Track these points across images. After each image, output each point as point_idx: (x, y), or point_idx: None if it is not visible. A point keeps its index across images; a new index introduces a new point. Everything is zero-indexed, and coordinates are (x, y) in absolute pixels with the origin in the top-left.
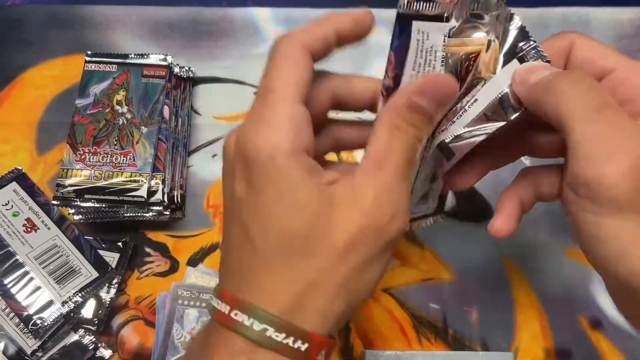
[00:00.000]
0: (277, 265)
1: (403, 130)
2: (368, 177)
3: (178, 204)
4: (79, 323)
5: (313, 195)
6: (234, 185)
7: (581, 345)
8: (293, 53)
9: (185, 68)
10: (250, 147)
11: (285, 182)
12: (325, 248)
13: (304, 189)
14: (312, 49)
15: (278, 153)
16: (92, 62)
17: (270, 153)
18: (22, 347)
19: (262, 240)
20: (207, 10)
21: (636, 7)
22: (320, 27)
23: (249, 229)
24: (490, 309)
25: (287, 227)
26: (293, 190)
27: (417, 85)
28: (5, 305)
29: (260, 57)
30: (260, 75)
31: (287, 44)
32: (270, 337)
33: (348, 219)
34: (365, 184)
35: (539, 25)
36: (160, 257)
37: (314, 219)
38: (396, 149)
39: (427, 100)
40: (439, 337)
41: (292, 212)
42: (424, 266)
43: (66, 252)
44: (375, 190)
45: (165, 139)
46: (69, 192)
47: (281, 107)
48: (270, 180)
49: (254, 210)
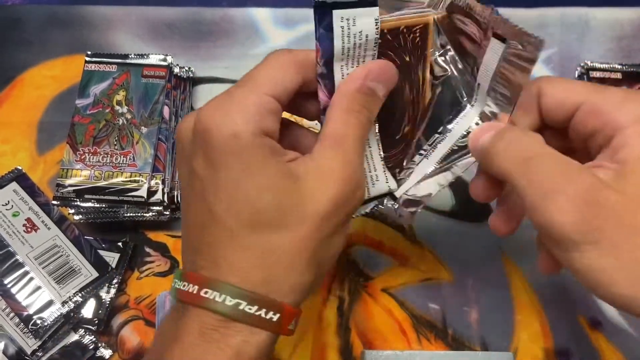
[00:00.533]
0: (247, 240)
1: (357, 110)
2: (330, 153)
3: (178, 203)
4: (79, 323)
5: (279, 171)
6: (193, 164)
7: (581, 345)
8: (283, 60)
9: (185, 68)
10: (213, 127)
11: (250, 158)
12: (297, 220)
13: (270, 166)
14: (305, 67)
15: (242, 131)
16: (92, 62)
17: (234, 131)
18: (22, 347)
19: (230, 216)
20: (206, 10)
21: (636, 7)
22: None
23: (212, 206)
24: (489, 308)
25: (256, 202)
26: (259, 166)
27: (366, 71)
28: (5, 305)
29: (260, 58)
30: None
31: (281, 53)
32: (243, 310)
33: (319, 192)
34: (329, 159)
35: (538, 26)
36: (160, 257)
37: (283, 193)
38: (353, 127)
39: (376, 84)
40: (438, 337)
41: (260, 187)
42: (423, 266)
43: (66, 252)
44: (340, 165)
45: (165, 139)
46: (69, 192)
47: (252, 95)
48: (234, 158)
49: (217, 187)
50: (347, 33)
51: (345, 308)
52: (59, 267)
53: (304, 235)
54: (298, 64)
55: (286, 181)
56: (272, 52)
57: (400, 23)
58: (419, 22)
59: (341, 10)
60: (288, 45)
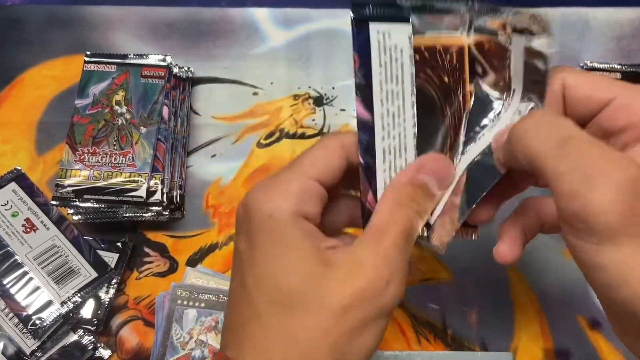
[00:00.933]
0: (269, 319)
1: (405, 204)
2: (368, 244)
3: (177, 204)
4: (78, 323)
5: (309, 255)
6: (237, 241)
7: (580, 345)
8: (330, 144)
9: (184, 68)
10: (255, 206)
11: (284, 239)
12: (319, 308)
13: (301, 249)
14: (350, 151)
15: (278, 212)
16: (91, 62)
17: (271, 212)
18: (21, 347)
19: (258, 292)
20: (206, 10)
21: (636, 7)
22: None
23: (245, 281)
24: (489, 309)
25: (282, 283)
26: (290, 248)
27: (420, 163)
28: (4, 305)
29: (259, 58)
30: (258, 76)
31: (330, 137)
32: None
33: (345, 282)
34: (364, 250)
35: None
36: (160, 257)
37: (309, 278)
38: (397, 221)
39: (428, 177)
40: (438, 337)
41: (287, 269)
42: (423, 266)
43: (65, 252)
44: (374, 257)
45: (164, 139)
46: (68, 192)
47: (296, 178)
48: (269, 237)
49: (252, 263)
50: (383, 46)
51: None
52: (58, 268)
53: (325, 324)
54: (345, 148)
55: (316, 267)
56: (322, 137)
57: (436, 42)
58: (454, 43)
59: (377, 24)
60: (287, 45)
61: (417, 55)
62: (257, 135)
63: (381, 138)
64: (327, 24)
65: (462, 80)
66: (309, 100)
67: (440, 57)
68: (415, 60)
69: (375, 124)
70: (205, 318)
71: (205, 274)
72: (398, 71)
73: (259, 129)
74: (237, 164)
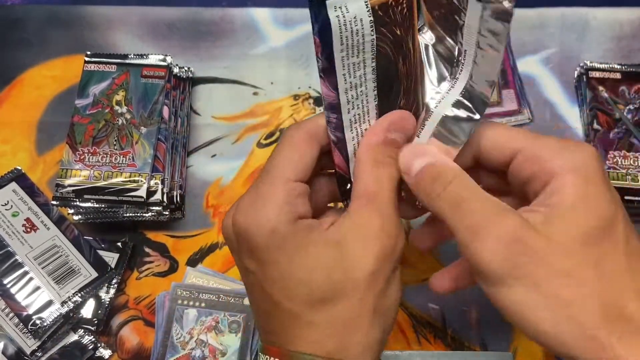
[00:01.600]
0: (311, 318)
1: (385, 163)
2: (367, 211)
3: (177, 204)
4: (78, 323)
5: (321, 245)
6: (245, 264)
7: None
8: (295, 139)
9: (184, 68)
10: (251, 226)
11: (292, 246)
12: (350, 285)
13: (312, 244)
14: (318, 137)
15: (278, 225)
16: (91, 62)
17: (271, 227)
18: (22, 347)
19: (290, 301)
20: (206, 10)
21: (636, 7)
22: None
23: (272, 297)
24: (489, 308)
25: (309, 283)
26: (302, 250)
27: (387, 122)
28: (4, 305)
29: (259, 58)
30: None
31: (291, 130)
32: None
33: (362, 253)
34: (366, 217)
35: (538, 26)
36: (160, 257)
37: (330, 266)
38: (383, 181)
39: (398, 134)
40: (438, 337)
41: (308, 269)
42: (422, 266)
43: (65, 252)
44: (378, 221)
45: (164, 139)
46: (69, 192)
47: (277, 185)
48: (278, 251)
49: (271, 280)
50: (342, 22)
51: None
52: (59, 267)
53: (359, 297)
54: (309, 137)
55: (330, 251)
56: (283, 133)
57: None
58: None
59: (333, 0)
60: (287, 46)
61: (371, 17)
62: (257, 135)
63: (347, 111)
64: None
65: (412, 26)
66: (309, 100)
67: (393, 11)
68: (374, 22)
69: (341, 100)
70: (205, 318)
71: (205, 274)
72: (359, 42)
73: (259, 129)
74: (237, 163)
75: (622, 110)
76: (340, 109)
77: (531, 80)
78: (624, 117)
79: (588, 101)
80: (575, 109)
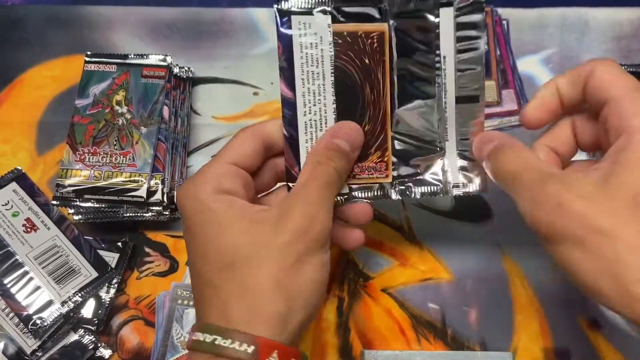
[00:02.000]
0: (222, 284)
1: (323, 163)
2: (293, 196)
3: None
4: (78, 323)
5: (239, 220)
6: (184, 237)
7: (580, 345)
8: (244, 132)
9: (184, 68)
10: (182, 195)
11: (211, 215)
12: (256, 253)
13: (229, 217)
14: (261, 134)
15: (201, 193)
16: (91, 62)
17: (194, 194)
18: (22, 347)
19: (205, 265)
20: (206, 10)
21: (636, 7)
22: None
23: (196, 267)
24: (489, 308)
25: (223, 251)
26: (219, 219)
27: (334, 129)
28: (5, 305)
29: (259, 58)
30: (258, 76)
31: (245, 128)
32: (220, 344)
33: (274, 228)
34: (291, 201)
35: (538, 26)
36: (160, 257)
37: (245, 237)
38: (317, 176)
39: (340, 140)
40: (437, 337)
41: (224, 238)
42: (422, 266)
43: (66, 252)
44: (300, 203)
45: (164, 139)
46: (69, 192)
47: (212, 165)
48: (198, 217)
49: (193, 244)
50: (304, 34)
51: (345, 308)
52: (59, 267)
53: (263, 266)
54: (256, 132)
55: (249, 226)
56: (239, 131)
57: (359, 28)
58: (376, 30)
59: (298, 16)
60: None
61: (339, 40)
62: None
63: (303, 114)
64: None
65: (382, 61)
66: None
67: (362, 42)
68: (338, 44)
69: (297, 101)
70: None
71: None
72: (318, 55)
73: None
74: None
75: None
76: (296, 108)
77: (531, 80)
78: None
79: None
80: None
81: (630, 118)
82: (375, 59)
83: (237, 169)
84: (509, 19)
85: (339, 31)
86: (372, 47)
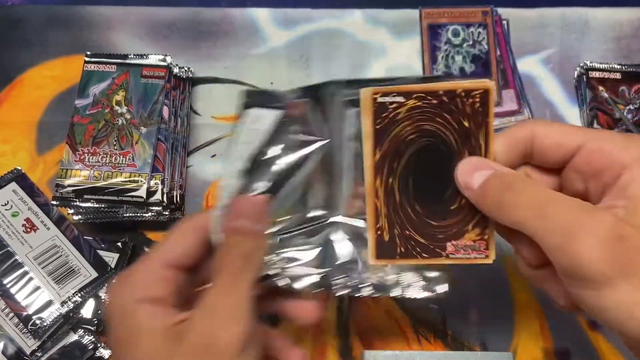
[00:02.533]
0: None
1: (227, 252)
2: (199, 302)
3: (177, 204)
4: (78, 323)
5: (158, 336)
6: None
7: (580, 345)
8: (183, 228)
9: (184, 68)
10: (111, 300)
11: (133, 327)
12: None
13: (150, 331)
14: (202, 231)
15: (127, 304)
16: (91, 62)
17: (121, 304)
18: (22, 347)
19: None
20: (206, 10)
21: (636, 7)
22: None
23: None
24: (489, 309)
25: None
26: (140, 333)
27: (228, 212)
28: (4, 305)
29: (259, 58)
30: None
31: (186, 221)
32: None
33: (182, 342)
34: (196, 310)
35: (538, 26)
36: None
37: (153, 352)
38: (223, 269)
39: (237, 221)
40: (438, 337)
41: (142, 353)
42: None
43: (65, 252)
44: (200, 311)
45: (164, 139)
46: (69, 192)
47: (143, 268)
48: (122, 327)
49: (114, 349)
50: (250, 124)
51: (345, 308)
52: (58, 267)
53: None
54: (197, 228)
55: (160, 340)
56: (181, 220)
57: (458, 86)
58: (479, 87)
59: (257, 109)
60: (287, 46)
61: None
62: None
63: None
64: (327, 24)
65: (486, 123)
66: None
67: (462, 101)
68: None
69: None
70: None
71: None
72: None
73: None
74: None
75: (622, 110)
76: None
77: (531, 80)
78: (624, 117)
79: (588, 101)
80: (575, 109)
81: (620, 153)
82: (477, 121)
83: (169, 273)
84: (509, 19)
85: (438, 88)
86: (473, 106)
